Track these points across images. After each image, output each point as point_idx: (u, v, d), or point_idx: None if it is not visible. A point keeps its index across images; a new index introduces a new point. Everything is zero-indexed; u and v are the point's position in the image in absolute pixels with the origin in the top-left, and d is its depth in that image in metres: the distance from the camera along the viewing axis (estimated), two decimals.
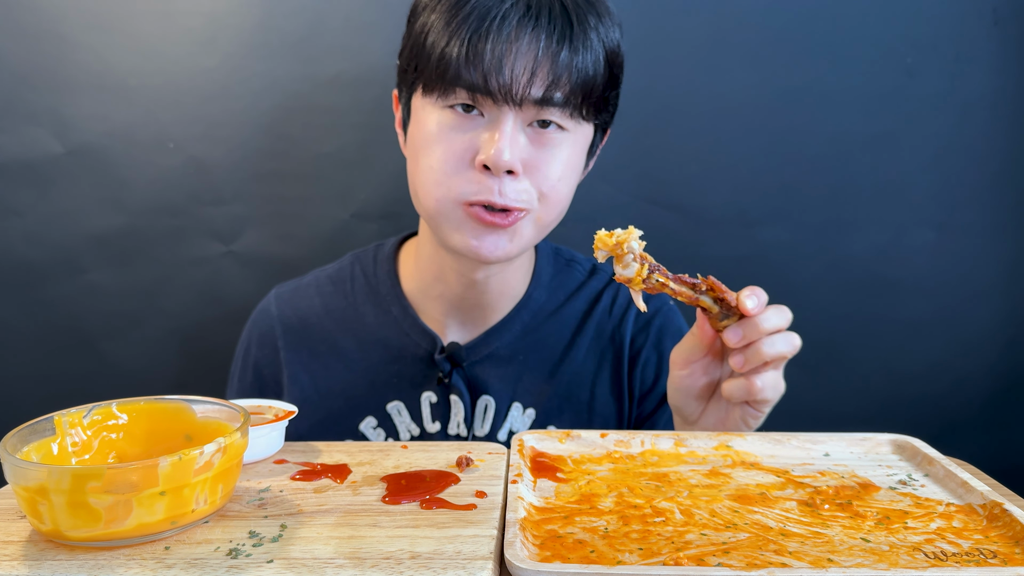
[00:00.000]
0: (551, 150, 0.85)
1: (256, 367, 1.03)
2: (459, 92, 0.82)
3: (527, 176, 0.84)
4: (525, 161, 0.84)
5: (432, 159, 0.85)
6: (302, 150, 1.32)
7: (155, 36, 1.28)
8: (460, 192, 0.84)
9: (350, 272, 1.05)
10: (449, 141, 0.84)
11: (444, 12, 0.82)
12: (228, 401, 0.62)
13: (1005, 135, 1.32)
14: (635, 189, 1.34)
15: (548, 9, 0.81)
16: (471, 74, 0.80)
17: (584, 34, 0.82)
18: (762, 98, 1.32)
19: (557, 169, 0.86)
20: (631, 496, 0.61)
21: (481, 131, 0.83)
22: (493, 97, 0.81)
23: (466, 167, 0.84)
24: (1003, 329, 1.38)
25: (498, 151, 0.81)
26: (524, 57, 0.80)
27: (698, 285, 0.75)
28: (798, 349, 0.75)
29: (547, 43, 0.81)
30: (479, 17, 0.80)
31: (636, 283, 0.72)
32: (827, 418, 1.35)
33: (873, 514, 0.58)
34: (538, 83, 0.81)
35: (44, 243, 1.31)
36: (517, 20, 0.80)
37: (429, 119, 0.85)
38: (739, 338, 0.74)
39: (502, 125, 0.82)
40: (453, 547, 0.51)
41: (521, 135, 0.83)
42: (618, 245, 0.70)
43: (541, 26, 0.81)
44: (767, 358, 0.73)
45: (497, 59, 0.79)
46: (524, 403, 0.98)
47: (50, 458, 0.58)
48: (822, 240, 1.35)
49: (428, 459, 0.68)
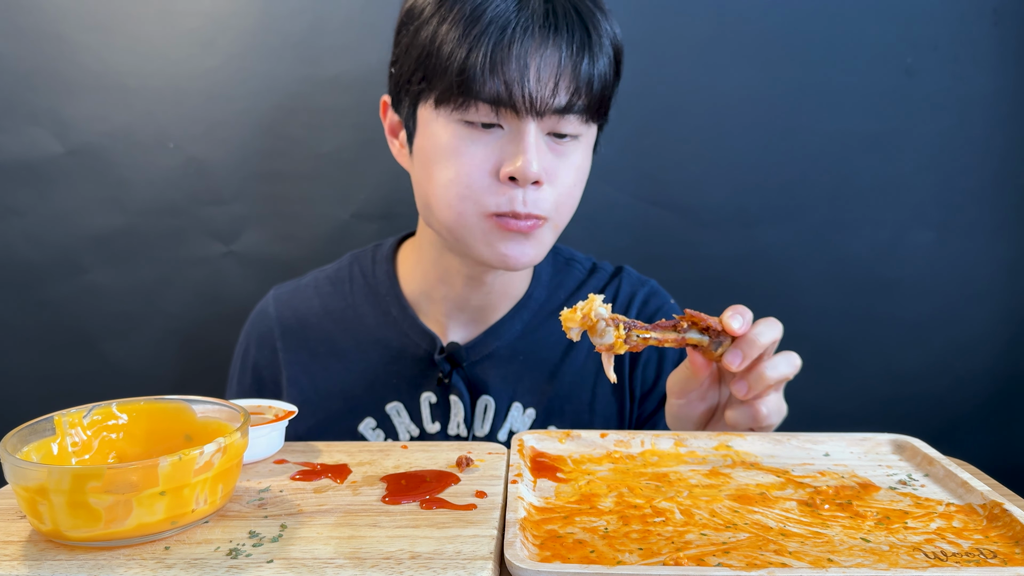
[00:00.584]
0: (567, 158, 0.86)
1: (255, 369, 1.03)
2: (479, 105, 0.81)
3: (547, 184, 0.85)
4: (546, 170, 0.84)
5: (450, 172, 0.84)
6: (302, 150, 1.32)
7: (155, 36, 1.28)
8: (485, 204, 0.84)
9: (349, 273, 1.05)
10: (470, 155, 0.83)
11: (459, 22, 0.80)
12: (228, 401, 0.62)
13: (1005, 135, 1.32)
14: (635, 189, 1.34)
15: (565, 17, 0.81)
16: (495, 85, 0.79)
17: (600, 40, 0.83)
18: (762, 98, 1.32)
19: (572, 176, 0.87)
20: (631, 496, 0.61)
21: (503, 143, 0.83)
22: (516, 108, 0.80)
23: (489, 179, 0.83)
24: (1003, 329, 1.38)
25: (526, 163, 0.81)
26: (547, 67, 0.80)
27: (679, 324, 0.72)
28: (799, 368, 0.73)
29: (568, 52, 0.81)
30: (500, 27, 0.79)
31: (619, 347, 0.69)
32: (827, 418, 1.35)
33: (873, 514, 0.58)
34: (561, 93, 0.81)
35: (44, 243, 1.31)
36: (537, 30, 0.80)
37: (443, 131, 0.84)
38: (740, 360, 0.71)
39: (527, 136, 0.82)
40: (453, 547, 0.51)
41: (543, 144, 0.84)
42: (586, 317, 0.68)
43: (561, 35, 0.80)
44: (770, 382, 0.71)
45: (521, 70, 0.79)
46: (524, 403, 0.98)
47: (50, 458, 0.58)
48: (822, 240, 1.35)
49: (428, 459, 0.68)
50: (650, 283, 1.06)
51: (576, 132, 0.85)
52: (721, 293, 1.35)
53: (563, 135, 0.85)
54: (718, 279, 1.35)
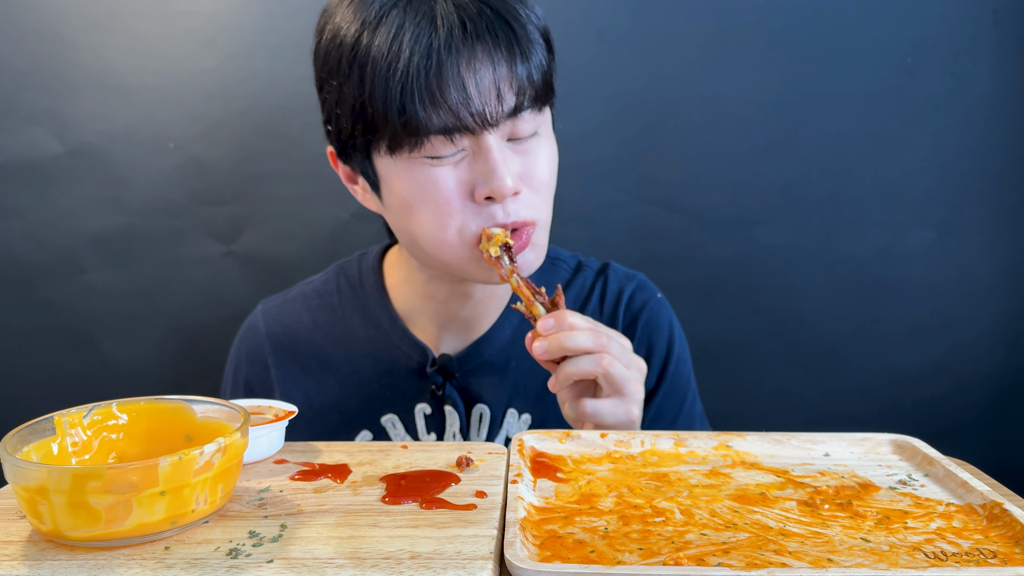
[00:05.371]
0: (534, 155, 0.84)
1: (247, 385, 1.02)
2: (432, 139, 0.78)
3: (525, 189, 0.83)
4: (520, 176, 0.82)
5: (429, 213, 0.82)
6: (302, 150, 1.32)
7: (155, 36, 1.28)
8: (471, 231, 0.82)
9: (336, 285, 1.03)
10: (442, 186, 0.81)
11: (380, 64, 0.76)
12: (228, 401, 0.62)
13: (1005, 135, 1.33)
14: (635, 189, 1.34)
15: (483, 20, 0.77)
16: (441, 116, 0.77)
17: (525, 31, 0.79)
18: (762, 98, 1.32)
19: (545, 170, 0.85)
20: (631, 496, 0.61)
21: (469, 163, 0.81)
22: (470, 129, 0.78)
23: (467, 203, 0.82)
24: (1003, 330, 1.38)
25: (499, 181, 0.79)
26: (484, 79, 0.77)
27: (539, 292, 0.82)
28: (606, 369, 0.76)
29: (499, 56, 0.78)
30: (423, 56, 0.75)
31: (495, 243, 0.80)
32: (827, 418, 1.35)
33: (873, 514, 0.58)
34: (507, 98, 0.79)
35: (44, 243, 1.31)
36: (461, 45, 0.76)
37: (408, 176, 0.82)
38: (549, 325, 0.78)
39: (491, 153, 0.79)
40: (453, 547, 0.51)
41: (508, 152, 0.81)
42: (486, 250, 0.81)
43: (486, 42, 0.77)
44: (565, 348, 0.76)
45: (459, 91, 0.76)
46: (519, 408, 0.97)
47: (50, 458, 0.58)
48: (822, 240, 1.35)
49: (428, 459, 0.68)
50: (637, 277, 1.04)
51: (534, 128, 0.83)
52: (721, 293, 1.35)
53: (523, 137, 0.83)
54: (718, 279, 1.35)
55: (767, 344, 1.36)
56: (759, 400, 1.36)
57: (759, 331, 1.36)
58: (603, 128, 1.29)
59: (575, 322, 0.77)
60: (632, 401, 0.78)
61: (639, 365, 0.80)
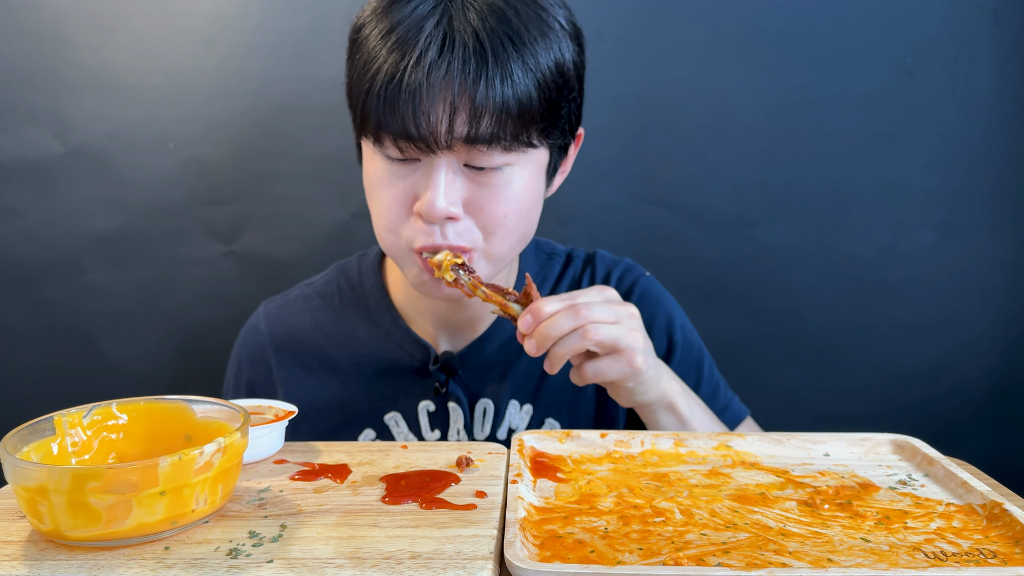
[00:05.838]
0: (494, 189, 0.82)
1: (250, 386, 1.02)
2: (386, 141, 0.79)
3: (470, 216, 0.82)
4: (466, 201, 0.81)
5: (379, 206, 0.84)
6: (302, 150, 1.32)
7: (155, 36, 1.28)
8: (408, 239, 0.83)
9: (336, 285, 1.04)
10: (391, 188, 0.82)
11: (368, 55, 0.79)
12: (228, 401, 0.62)
13: (1005, 135, 1.32)
14: (635, 189, 1.34)
15: (463, 46, 0.76)
16: (395, 122, 0.77)
17: (502, 67, 0.77)
18: (762, 98, 1.32)
19: (502, 206, 0.82)
20: (631, 496, 0.61)
21: (417, 177, 0.81)
22: (416, 144, 0.78)
23: (408, 214, 0.82)
24: (1003, 330, 1.38)
25: (430, 202, 0.78)
26: (439, 100, 0.76)
27: (508, 292, 0.81)
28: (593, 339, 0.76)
29: (462, 81, 0.76)
30: (395, 62, 0.76)
31: (452, 281, 0.79)
32: (827, 418, 1.35)
33: (873, 514, 0.58)
34: (460, 123, 0.77)
35: (44, 243, 1.31)
36: (430, 64, 0.76)
37: (374, 163, 0.84)
38: (527, 324, 0.78)
39: (434, 172, 0.79)
40: (453, 547, 0.51)
41: (458, 178, 0.80)
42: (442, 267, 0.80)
43: (454, 66, 0.76)
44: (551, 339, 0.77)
45: (412, 105, 0.76)
46: (521, 399, 0.98)
47: (50, 458, 0.58)
48: (822, 240, 1.35)
49: (428, 459, 0.68)
50: (623, 261, 1.06)
51: (497, 164, 0.80)
52: (721, 293, 1.36)
53: (485, 168, 0.81)
54: (718, 279, 1.35)
55: (767, 344, 1.36)
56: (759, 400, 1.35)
57: (759, 331, 1.36)
58: (603, 128, 1.29)
59: (550, 309, 0.77)
60: (631, 352, 0.78)
61: (629, 312, 0.80)
